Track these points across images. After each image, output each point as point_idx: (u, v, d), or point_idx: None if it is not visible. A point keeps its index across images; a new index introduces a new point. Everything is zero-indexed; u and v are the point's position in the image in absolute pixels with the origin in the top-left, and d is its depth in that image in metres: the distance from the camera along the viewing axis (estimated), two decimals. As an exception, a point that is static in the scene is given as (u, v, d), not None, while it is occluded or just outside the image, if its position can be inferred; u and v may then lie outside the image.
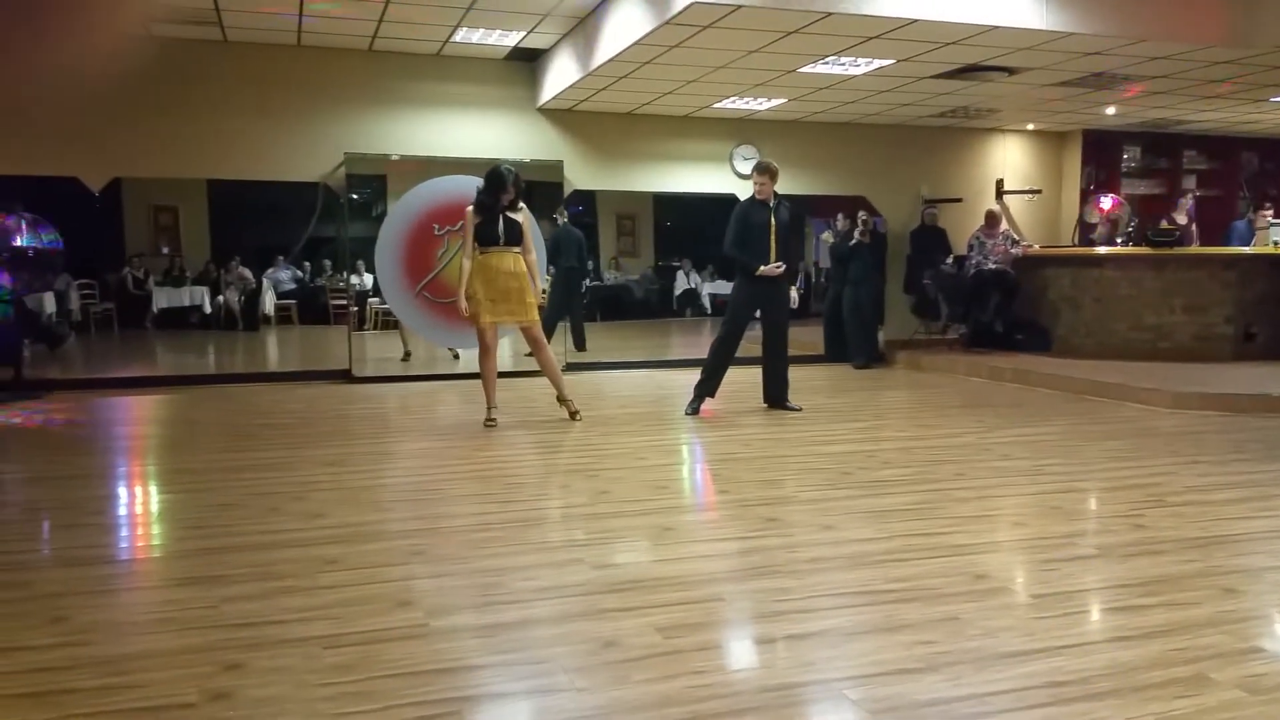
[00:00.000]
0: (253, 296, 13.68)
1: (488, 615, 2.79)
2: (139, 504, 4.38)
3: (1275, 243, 8.93)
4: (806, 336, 10.73)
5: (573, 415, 6.18)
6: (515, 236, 5.96)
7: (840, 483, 4.51)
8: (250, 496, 4.25)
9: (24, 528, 3.86)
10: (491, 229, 5.91)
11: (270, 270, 14.05)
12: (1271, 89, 8.52)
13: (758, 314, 6.70)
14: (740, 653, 2.65)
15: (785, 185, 10.06)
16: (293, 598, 2.93)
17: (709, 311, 14.73)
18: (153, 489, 4.66)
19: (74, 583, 3.11)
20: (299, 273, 14.32)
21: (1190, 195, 10.08)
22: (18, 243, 7.37)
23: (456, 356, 9.18)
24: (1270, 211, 10.03)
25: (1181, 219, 9.61)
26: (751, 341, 6.91)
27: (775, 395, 6.75)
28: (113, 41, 0.71)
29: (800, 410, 6.62)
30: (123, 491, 4.62)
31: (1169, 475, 4.67)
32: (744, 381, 7.20)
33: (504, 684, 2.37)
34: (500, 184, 5.91)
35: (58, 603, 2.91)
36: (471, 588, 3.07)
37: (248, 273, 13.68)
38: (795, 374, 6.89)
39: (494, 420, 6.00)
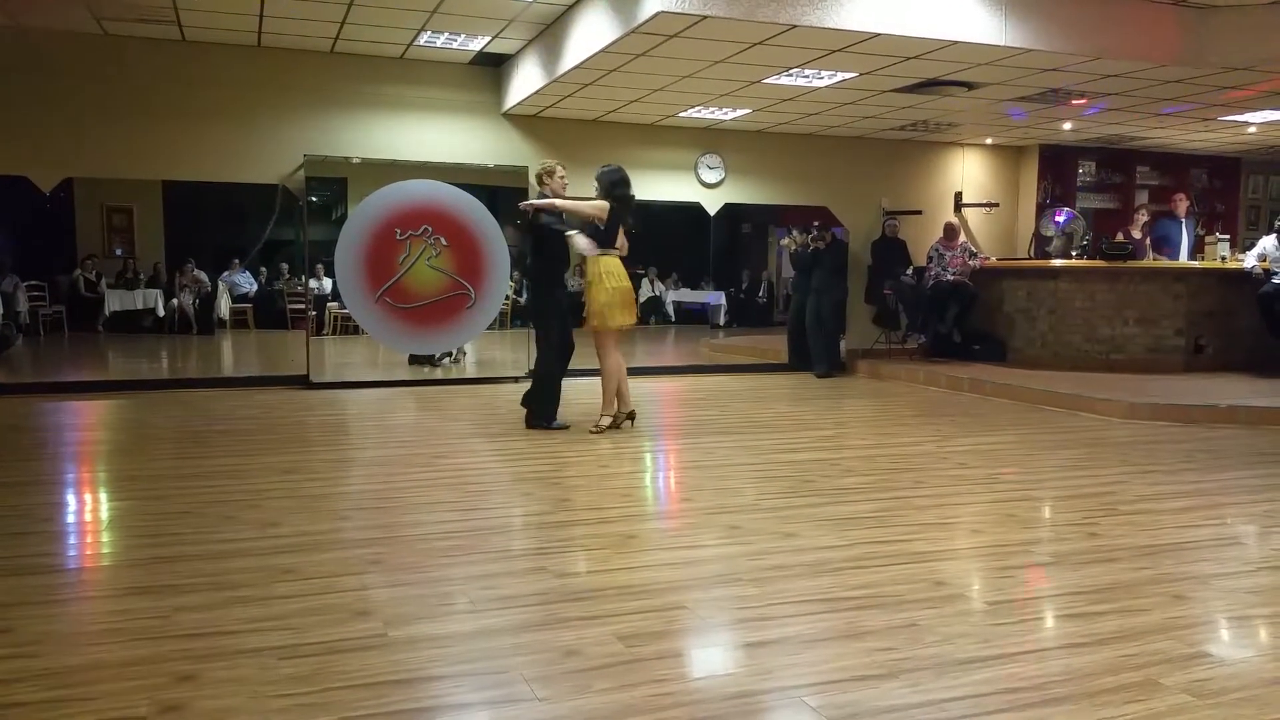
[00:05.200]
0: (208, 300, 13.45)
1: (447, 625, 2.76)
2: (89, 511, 4.28)
3: (1223, 258, 9.15)
4: (769, 345, 10.82)
5: (624, 420, 6.12)
6: None
7: (802, 490, 4.54)
8: (204, 504, 4.17)
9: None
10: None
11: (226, 273, 13.84)
12: (1220, 108, 8.75)
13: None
14: (702, 661, 2.65)
15: (749, 194, 10.19)
16: (247, 608, 2.88)
17: (673, 319, 14.77)
18: (103, 496, 4.55)
19: (21, 592, 3.03)
20: (253, 279, 14.11)
21: (1144, 210, 10.30)
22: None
23: (456, 360, 9.23)
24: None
25: (1137, 234, 9.82)
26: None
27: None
28: None
29: (564, 428, 6.16)
30: (72, 499, 4.51)
31: (1121, 484, 4.76)
32: (705, 389, 7.23)
33: (464, 694, 2.35)
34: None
35: (4, 613, 2.83)
36: (431, 597, 3.04)
37: (203, 276, 13.45)
38: (758, 381, 6.92)
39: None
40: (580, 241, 5.84)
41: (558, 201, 5.93)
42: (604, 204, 5.88)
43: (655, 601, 2.97)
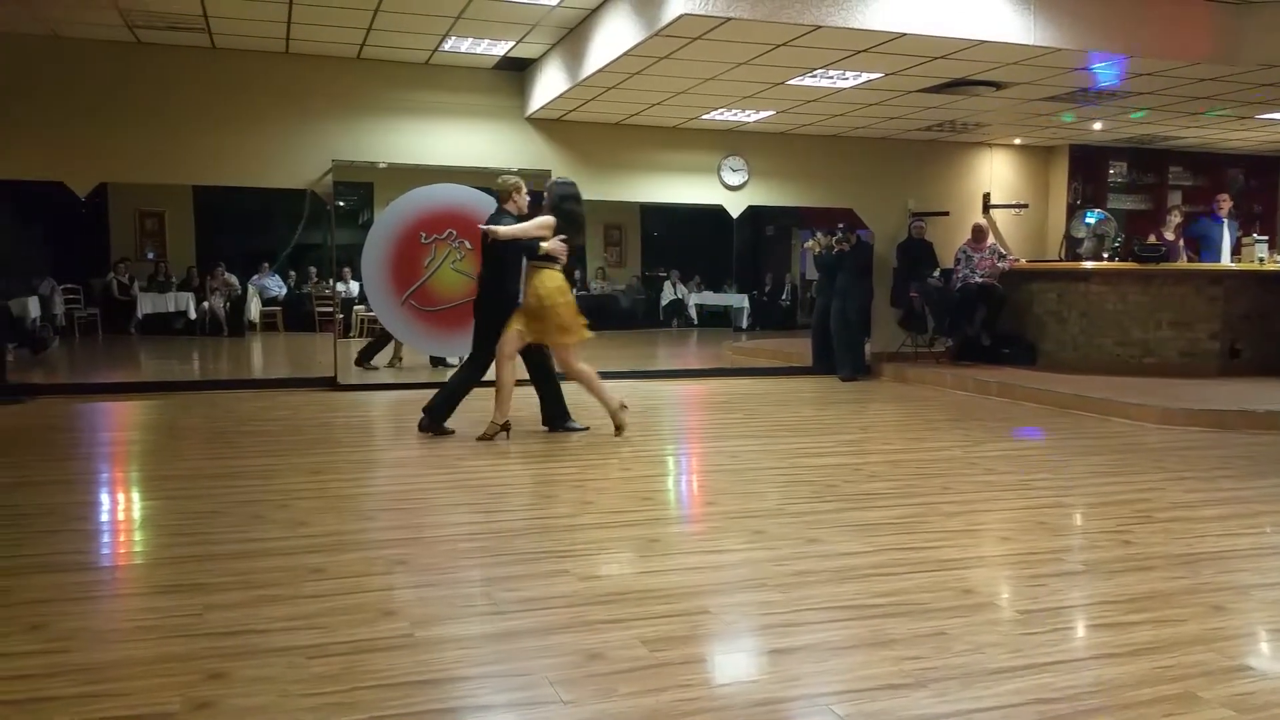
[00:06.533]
0: (238, 303, 13.60)
1: (472, 626, 2.77)
2: (121, 510, 4.33)
3: (1261, 259, 9.00)
4: (793, 348, 10.77)
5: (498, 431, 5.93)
6: None
7: (826, 495, 4.50)
8: (234, 504, 4.21)
9: (5, 533, 3.81)
10: None
11: (256, 277, 13.99)
12: (1258, 106, 8.61)
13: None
14: (727, 667, 2.63)
15: (772, 197, 10.16)
16: (276, 606, 2.90)
17: (695, 322, 14.75)
18: (135, 495, 4.60)
19: (55, 589, 3.07)
20: (283, 282, 14.25)
21: (1178, 211, 10.14)
22: None
23: (392, 364, 9.31)
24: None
25: (1170, 235, 9.68)
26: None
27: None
28: None
29: (585, 429, 6.09)
30: (105, 497, 4.57)
31: (1156, 491, 4.68)
32: (728, 393, 7.21)
33: (489, 696, 2.35)
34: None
35: (38, 609, 2.87)
36: (456, 598, 3.05)
37: (233, 279, 13.60)
38: (782, 385, 6.89)
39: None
40: (550, 245, 5.68)
41: (500, 230, 5.69)
42: (548, 220, 5.73)
43: (679, 606, 2.96)
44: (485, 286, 5.99)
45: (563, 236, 5.74)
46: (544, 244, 5.69)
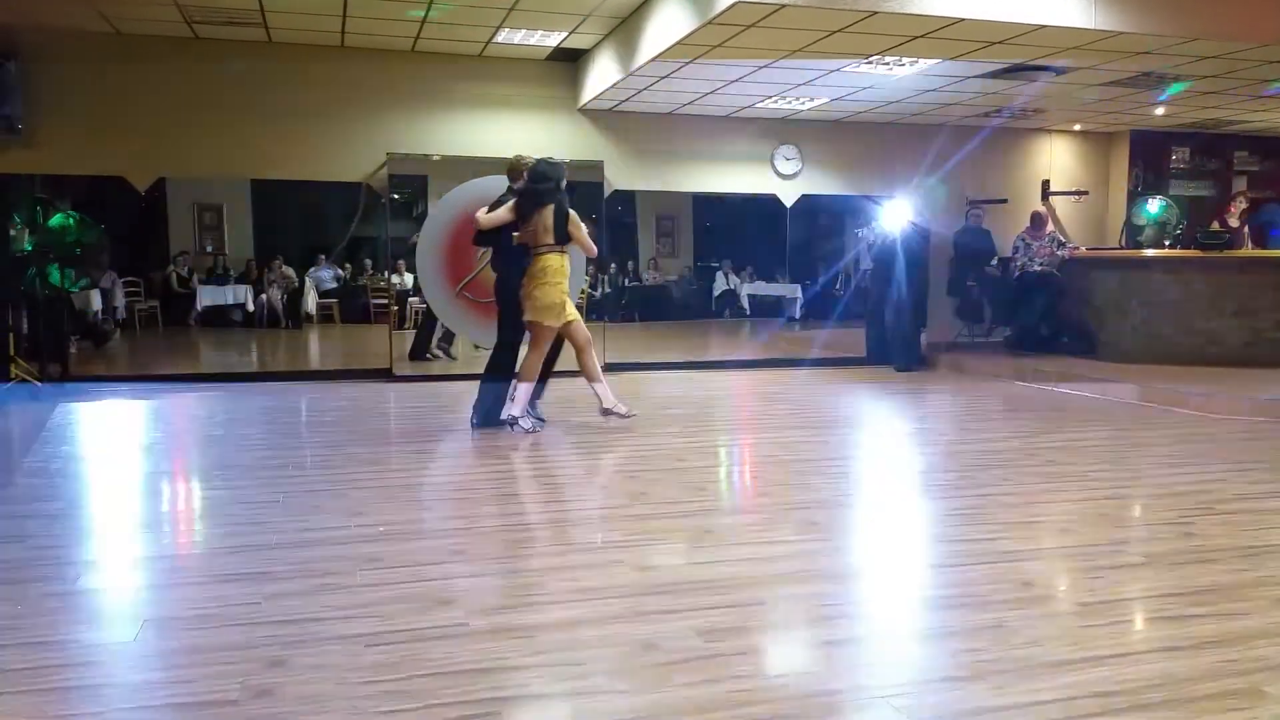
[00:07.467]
0: (295, 295, 13.86)
1: (527, 615, 2.79)
2: (182, 500, 4.45)
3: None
4: (847, 338, 10.66)
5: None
6: None
7: (881, 487, 4.46)
8: (292, 494, 4.29)
9: (70, 523, 3.94)
10: None
11: (312, 269, 14.24)
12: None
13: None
14: (782, 658, 2.63)
15: (826, 185, 10.05)
16: (334, 595, 2.95)
17: (748, 312, 14.68)
18: (196, 485, 4.73)
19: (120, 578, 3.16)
20: (340, 272, 14.51)
21: (1243, 197, 9.82)
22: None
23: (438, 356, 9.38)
24: None
25: (1234, 222, 9.38)
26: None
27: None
28: None
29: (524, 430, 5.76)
30: (166, 488, 4.69)
31: (1219, 482, 4.56)
32: (781, 383, 7.16)
33: (544, 685, 2.37)
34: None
35: (104, 598, 2.96)
36: (511, 588, 3.08)
37: (290, 271, 13.86)
38: (836, 375, 6.83)
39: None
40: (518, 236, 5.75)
41: (479, 217, 5.82)
42: (510, 202, 5.76)
43: (734, 597, 2.96)
44: (498, 275, 6.01)
45: (515, 219, 5.71)
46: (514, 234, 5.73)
